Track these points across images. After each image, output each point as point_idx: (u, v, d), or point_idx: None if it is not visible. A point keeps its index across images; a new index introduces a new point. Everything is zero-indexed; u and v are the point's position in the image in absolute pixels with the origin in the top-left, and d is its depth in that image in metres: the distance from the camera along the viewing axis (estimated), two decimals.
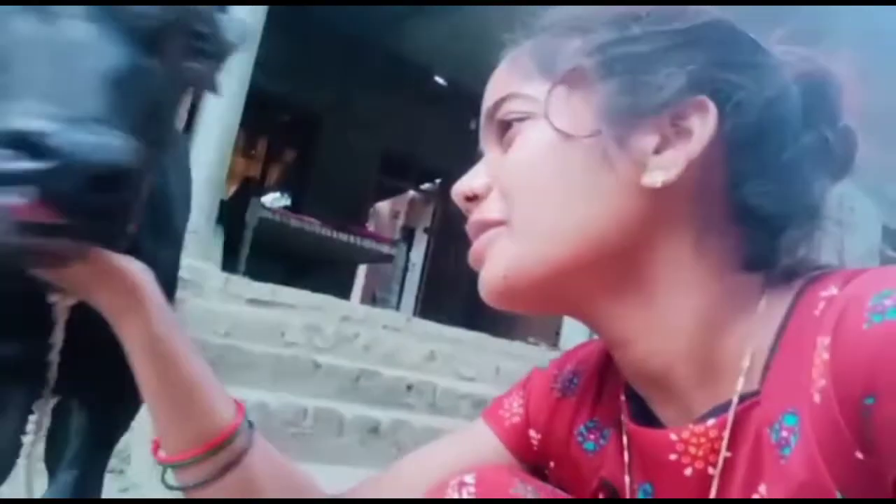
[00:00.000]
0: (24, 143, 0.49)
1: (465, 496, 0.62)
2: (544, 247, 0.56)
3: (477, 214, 0.61)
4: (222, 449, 0.66)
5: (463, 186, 0.63)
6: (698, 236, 0.56)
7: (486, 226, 0.60)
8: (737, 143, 0.54)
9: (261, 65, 4.57)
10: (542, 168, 0.57)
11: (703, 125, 0.53)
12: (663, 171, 0.53)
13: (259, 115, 5.95)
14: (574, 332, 6.83)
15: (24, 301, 0.75)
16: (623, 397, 0.64)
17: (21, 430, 0.88)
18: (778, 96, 0.54)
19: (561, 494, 0.67)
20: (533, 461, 0.73)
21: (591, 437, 0.68)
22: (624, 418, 0.63)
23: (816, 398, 0.45)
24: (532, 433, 0.73)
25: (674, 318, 0.56)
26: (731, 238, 0.56)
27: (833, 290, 0.50)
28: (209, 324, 3.15)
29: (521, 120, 0.59)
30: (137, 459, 2.66)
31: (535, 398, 0.74)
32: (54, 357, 0.86)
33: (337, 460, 2.91)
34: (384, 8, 6.73)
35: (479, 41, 7.00)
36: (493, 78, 0.63)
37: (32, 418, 0.98)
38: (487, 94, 0.63)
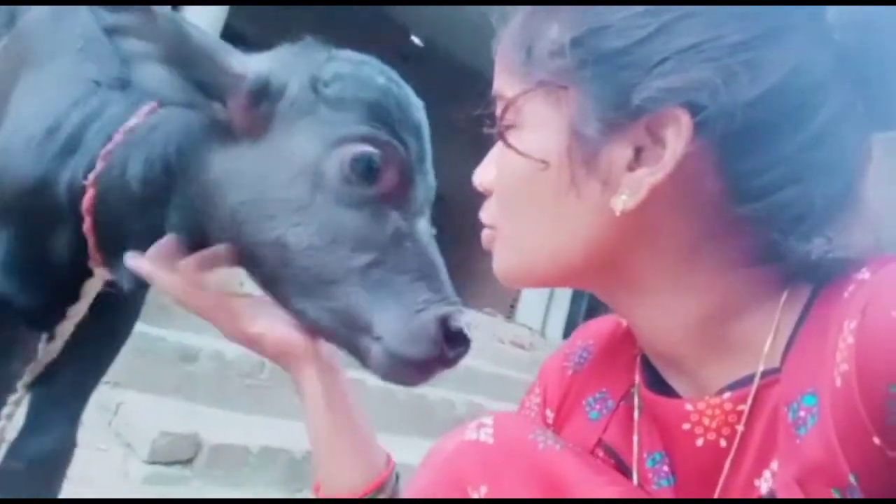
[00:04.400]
0: (456, 335, 0.74)
1: (482, 437, 0.63)
2: (524, 260, 0.59)
3: (482, 211, 0.63)
4: (378, 494, 0.75)
5: (476, 178, 0.64)
6: (691, 244, 0.53)
7: (485, 225, 0.63)
8: (728, 147, 0.50)
9: (233, 8, 4.44)
10: (515, 192, 0.58)
11: (677, 139, 0.49)
12: (628, 196, 0.51)
13: None
14: (530, 305, 6.92)
15: (65, 267, 0.95)
16: (639, 365, 0.65)
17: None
18: (776, 87, 0.48)
19: (580, 451, 0.67)
20: None
21: (597, 406, 0.69)
22: (638, 385, 0.64)
23: (838, 381, 0.44)
24: (548, 412, 0.74)
25: (672, 311, 0.55)
26: (737, 239, 0.53)
27: (865, 274, 0.49)
28: None
29: (508, 128, 0.57)
30: None
31: (550, 382, 0.75)
32: (67, 328, 1.03)
33: (292, 415, 2.91)
34: None
35: (459, 6, 6.88)
36: (496, 59, 0.61)
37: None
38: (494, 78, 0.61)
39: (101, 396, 2.52)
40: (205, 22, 4.23)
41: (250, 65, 0.81)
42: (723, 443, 0.54)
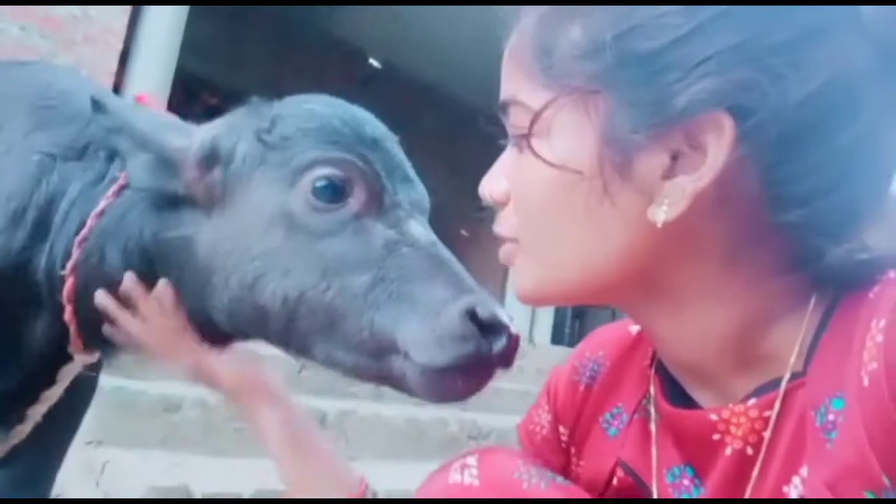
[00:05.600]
0: (491, 324, 0.68)
1: (466, 479, 0.62)
2: (552, 274, 0.56)
3: (496, 224, 0.60)
4: None
5: (485, 191, 0.61)
6: (728, 253, 0.51)
7: (504, 238, 0.59)
8: (771, 151, 0.47)
9: (187, 46, 4.40)
10: (542, 203, 0.54)
11: (718, 144, 0.46)
12: (668, 205, 0.48)
13: (186, 97, 5.73)
14: (515, 312, 6.89)
15: (42, 354, 0.92)
16: (655, 379, 0.63)
17: None
18: (821, 88, 0.46)
19: (565, 485, 0.66)
20: (564, 462, 0.73)
21: (615, 423, 0.67)
22: (655, 400, 0.62)
23: (866, 381, 0.43)
24: (561, 429, 0.73)
25: (707, 325, 0.53)
26: (772, 245, 0.51)
27: (891, 274, 0.48)
28: None
29: (526, 136, 0.54)
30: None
31: (560, 397, 0.74)
32: (39, 411, 0.99)
33: None
34: None
35: (416, 22, 6.93)
36: (503, 63, 0.58)
37: None
38: (502, 83, 0.58)
39: (85, 457, 2.44)
40: (157, 62, 4.18)
41: (196, 135, 0.83)
42: (749, 450, 0.53)
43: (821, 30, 0.47)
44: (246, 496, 2.39)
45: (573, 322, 9.15)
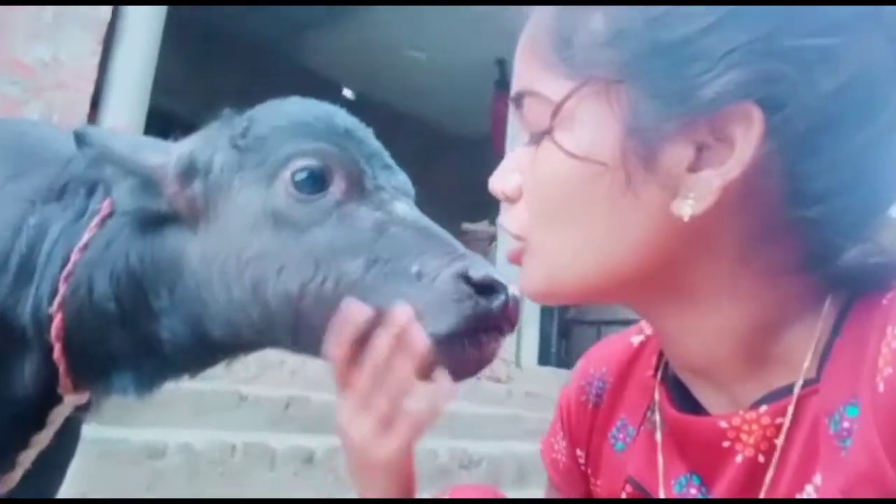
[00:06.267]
0: (485, 285, 0.69)
1: None
2: (566, 270, 0.54)
3: (504, 219, 0.59)
4: None
5: (496, 186, 0.59)
6: (744, 248, 0.50)
7: (511, 235, 0.58)
8: (796, 145, 0.47)
9: (158, 84, 4.37)
10: (562, 196, 0.52)
11: (747, 137, 0.45)
12: (695, 199, 0.47)
13: (160, 135, 5.70)
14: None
15: (30, 398, 0.89)
16: (661, 387, 0.62)
17: None
18: (849, 81, 0.45)
19: None
20: (587, 489, 0.72)
21: (621, 436, 0.67)
22: (661, 407, 0.61)
23: (881, 386, 0.43)
24: (578, 452, 0.72)
25: (721, 323, 0.52)
26: (789, 243, 0.50)
27: None
28: None
29: (547, 128, 0.52)
30: None
31: (572, 419, 0.73)
32: (29, 457, 0.95)
33: (271, 495, 2.78)
34: (287, 17, 6.58)
35: (388, 53, 6.97)
36: (517, 55, 0.56)
37: None
38: (515, 73, 0.57)
39: None
40: (130, 102, 4.16)
41: (173, 151, 0.84)
42: (761, 458, 0.52)
43: (845, 24, 0.46)
44: None
45: (559, 341, 9.12)
